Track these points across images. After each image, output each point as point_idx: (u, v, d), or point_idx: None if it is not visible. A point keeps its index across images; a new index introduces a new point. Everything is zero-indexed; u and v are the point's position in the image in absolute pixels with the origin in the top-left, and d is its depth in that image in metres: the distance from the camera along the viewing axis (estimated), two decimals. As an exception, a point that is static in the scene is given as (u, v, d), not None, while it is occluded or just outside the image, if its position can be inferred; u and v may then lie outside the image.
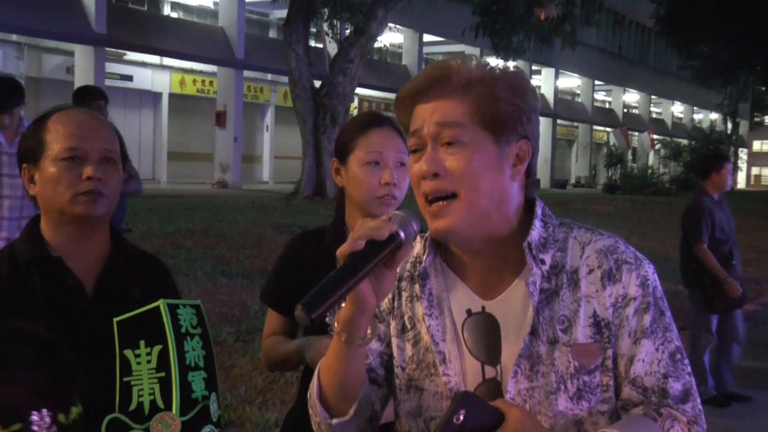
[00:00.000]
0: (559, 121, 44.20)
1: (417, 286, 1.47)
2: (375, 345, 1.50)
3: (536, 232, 1.41)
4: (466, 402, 1.26)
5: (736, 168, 49.16)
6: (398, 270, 1.45)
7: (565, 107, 44.19)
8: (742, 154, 56.92)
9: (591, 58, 42.73)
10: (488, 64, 1.41)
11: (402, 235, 1.30)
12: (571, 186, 43.23)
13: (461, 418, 1.25)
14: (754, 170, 76.73)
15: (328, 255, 2.21)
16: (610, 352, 1.38)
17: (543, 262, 1.39)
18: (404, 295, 1.50)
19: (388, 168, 2.18)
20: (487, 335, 1.42)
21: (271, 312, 2.35)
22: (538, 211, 1.44)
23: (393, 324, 1.50)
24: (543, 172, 42.54)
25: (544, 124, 43.48)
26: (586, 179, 44.60)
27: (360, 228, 1.28)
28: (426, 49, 34.32)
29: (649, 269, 1.41)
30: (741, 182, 63.59)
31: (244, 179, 27.11)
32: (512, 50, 23.84)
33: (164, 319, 1.58)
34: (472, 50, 35.12)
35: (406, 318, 1.49)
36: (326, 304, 1.22)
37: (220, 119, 26.21)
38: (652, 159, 48.90)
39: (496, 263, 1.43)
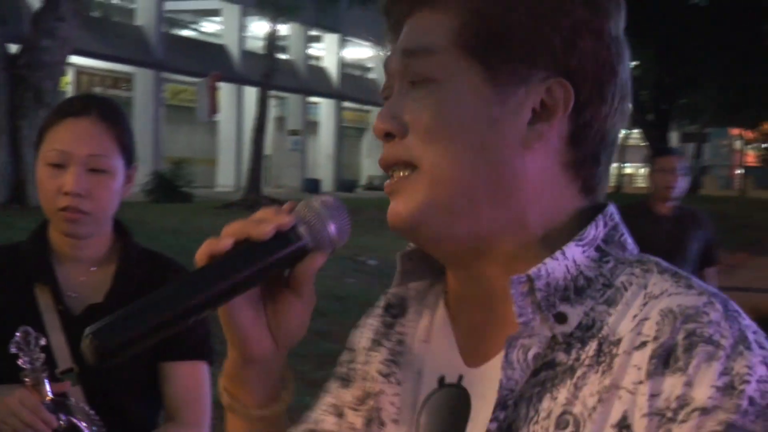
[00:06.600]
0: (345, 104, 45.26)
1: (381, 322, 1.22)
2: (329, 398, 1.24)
3: (563, 263, 1.04)
4: None
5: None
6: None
7: (354, 85, 45.37)
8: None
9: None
10: None
11: (306, 237, 1.04)
12: (362, 188, 44.15)
13: None
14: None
15: (29, 280, 2.23)
16: None
17: (561, 318, 1.03)
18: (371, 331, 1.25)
19: (73, 172, 2.16)
20: (447, 423, 1.11)
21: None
22: (600, 226, 1.07)
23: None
24: (325, 171, 43.38)
25: (326, 108, 44.50)
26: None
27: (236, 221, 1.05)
28: (168, 5, 34.00)
29: (756, 365, 0.93)
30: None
31: None
32: (283, 8, 24.13)
33: None
34: (230, 7, 35.17)
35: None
36: (132, 333, 0.95)
37: None
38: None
39: (499, 302, 1.08)
